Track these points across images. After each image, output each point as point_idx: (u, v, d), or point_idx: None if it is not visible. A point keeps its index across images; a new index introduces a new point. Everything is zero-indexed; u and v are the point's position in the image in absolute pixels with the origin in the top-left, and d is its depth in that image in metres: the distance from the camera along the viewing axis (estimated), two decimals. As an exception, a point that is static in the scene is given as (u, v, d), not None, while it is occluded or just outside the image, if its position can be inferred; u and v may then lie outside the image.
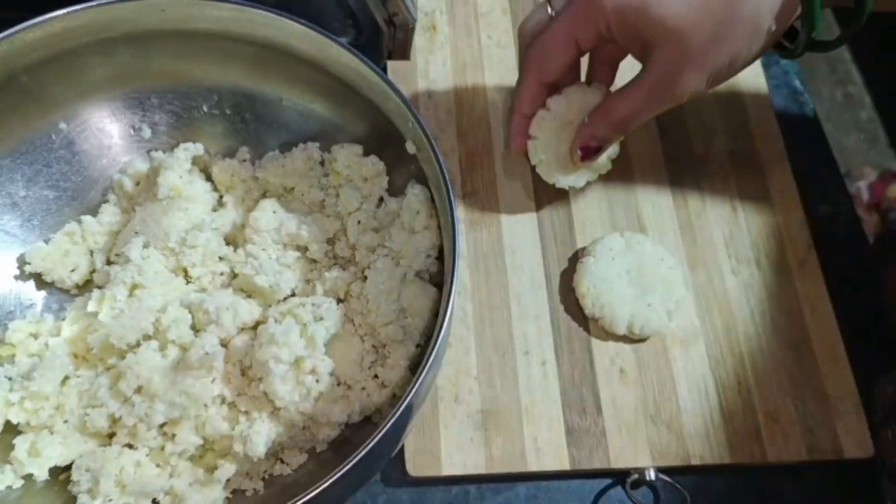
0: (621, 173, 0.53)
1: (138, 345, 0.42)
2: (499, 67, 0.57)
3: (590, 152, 0.46)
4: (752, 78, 0.58)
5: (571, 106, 0.48)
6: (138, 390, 0.40)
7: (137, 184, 0.48)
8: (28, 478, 0.40)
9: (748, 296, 0.51)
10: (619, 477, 0.46)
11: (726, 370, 0.49)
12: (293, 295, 0.45)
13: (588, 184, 0.50)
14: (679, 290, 0.49)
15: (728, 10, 0.39)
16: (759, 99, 0.57)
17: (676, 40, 0.40)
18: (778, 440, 0.47)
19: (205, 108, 0.48)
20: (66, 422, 0.41)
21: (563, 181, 0.49)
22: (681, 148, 0.55)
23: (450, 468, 0.44)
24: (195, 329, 0.43)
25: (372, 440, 0.33)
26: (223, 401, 0.41)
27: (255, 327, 0.43)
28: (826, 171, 0.58)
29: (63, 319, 0.45)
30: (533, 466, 0.45)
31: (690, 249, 0.52)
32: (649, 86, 0.43)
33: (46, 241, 0.46)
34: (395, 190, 0.47)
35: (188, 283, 0.46)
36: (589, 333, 0.49)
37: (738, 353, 0.49)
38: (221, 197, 0.48)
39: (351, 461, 0.32)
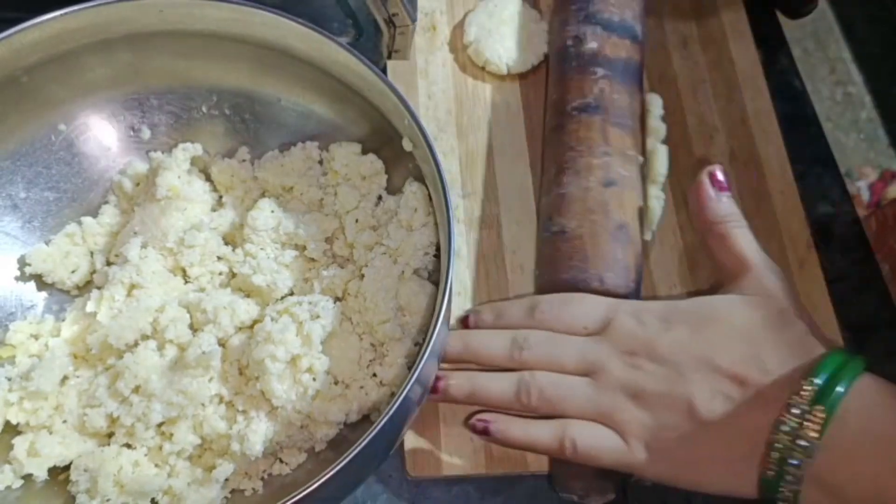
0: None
1: (137, 344, 0.42)
2: (498, 68, 0.57)
3: None
4: (752, 78, 0.58)
5: None
6: (136, 390, 0.40)
7: (137, 185, 0.48)
8: (27, 478, 0.40)
9: (748, 295, 0.51)
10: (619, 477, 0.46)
11: (727, 369, 0.48)
12: (291, 294, 0.45)
13: None
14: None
15: None
16: (759, 99, 0.57)
17: None
18: (779, 439, 0.46)
19: (204, 109, 0.48)
20: (65, 422, 0.41)
21: None
22: (681, 148, 0.55)
23: (450, 468, 0.44)
24: (193, 328, 0.43)
25: (369, 434, 0.33)
26: (221, 400, 0.41)
27: (252, 326, 0.43)
28: (826, 171, 0.58)
29: (63, 320, 0.45)
30: (533, 466, 0.45)
31: (690, 250, 0.52)
32: None
33: (47, 243, 0.46)
34: (394, 188, 0.47)
35: (186, 282, 0.46)
36: (589, 333, 0.49)
37: (738, 352, 0.49)
38: (221, 197, 0.48)
39: (348, 456, 0.32)
